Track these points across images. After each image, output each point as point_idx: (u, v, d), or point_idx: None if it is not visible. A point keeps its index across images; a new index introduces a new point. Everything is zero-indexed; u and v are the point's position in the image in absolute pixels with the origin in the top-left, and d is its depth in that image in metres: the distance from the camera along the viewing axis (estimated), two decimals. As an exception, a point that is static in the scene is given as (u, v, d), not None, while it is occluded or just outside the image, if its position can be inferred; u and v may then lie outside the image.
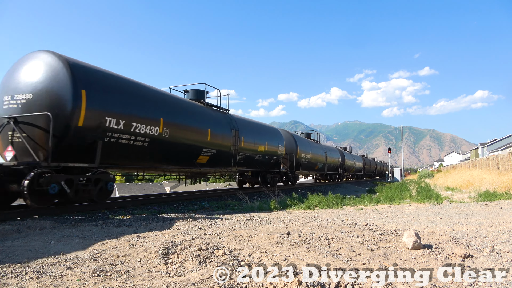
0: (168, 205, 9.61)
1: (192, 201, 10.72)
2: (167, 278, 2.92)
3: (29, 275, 2.99)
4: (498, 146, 56.48)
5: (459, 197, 12.48)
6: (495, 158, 20.05)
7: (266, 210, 8.75)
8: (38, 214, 6.87)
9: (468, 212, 7.80)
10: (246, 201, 9.96)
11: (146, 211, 8.14)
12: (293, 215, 7.41)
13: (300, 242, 4.21)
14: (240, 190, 12.64)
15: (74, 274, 3.06)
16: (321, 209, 9.28)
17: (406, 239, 3.86)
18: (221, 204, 9.84)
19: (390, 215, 7.70)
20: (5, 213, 6.55)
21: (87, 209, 7.81)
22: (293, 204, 9.73)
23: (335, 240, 4.33)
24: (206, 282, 2.76)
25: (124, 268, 3.26)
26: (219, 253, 3.52)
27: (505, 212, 7.67)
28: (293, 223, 6.10)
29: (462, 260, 3.38)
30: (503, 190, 12.80)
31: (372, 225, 5.71)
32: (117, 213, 7.74)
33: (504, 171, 17.07)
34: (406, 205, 10.40)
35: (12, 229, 5.24)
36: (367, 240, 4.29)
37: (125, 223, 6.18)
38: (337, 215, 7.71)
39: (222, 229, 5.37)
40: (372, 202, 10.86)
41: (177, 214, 7.94)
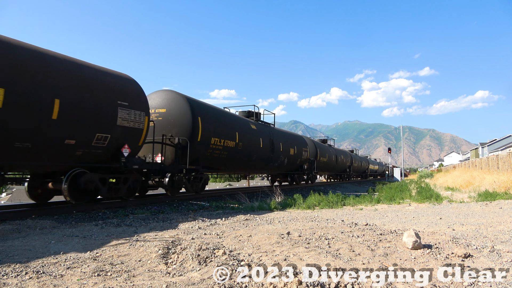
0: (168, 205, 9.61)
1: (192, 201, 10.72)
2: (167, 278, 2.92)
3: (29, 274, 2.99)
4: (498, 146, 56.48)
5: (459, 197, 12.48)
6: (495, 158, 20.05)
7: (266, 210, 8.75)
8: (38, 214, 6.88)
9: (468, 212, 7.80)
10: (246, 201, 9.96)
11: (146, 211, 8.14)
12: (293, 215, 7.41)
13: (300, 242, 4.21)
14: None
15: (74, 274, 3.06)
16: (321, 209, 9.28)
17: (406, 239, 3.86)
18: (221, 204, 9.84)
19: (390, 215, 7.71)
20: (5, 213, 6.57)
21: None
22: (293, 204, 9.73)
23: (335, 240, 4.33)
24: (206, 282, 2.76)
25: (124, 268, 3.26)
26: (219, 253, 3.52)
27: (505, 212, 7.67)
28: (293, 223, 6.10)
29: (462, 260, 3.38)
30: (503, 190, 12.80)
31: (372, 225, 5.71)
32: (117, 213, 7.74)
33: (504, 171, 17.07)
34: (406, 205, 10.40)
35: (12, 229, 5.24)
36: (367, 240, 4.30)
37: (125, 223, 6.18)
38: (337, 215, 7.71)
39: (222, 229, 5.37)
40: (372, 202, 10.85)
41: (177, 214, 7.94)
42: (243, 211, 8.59)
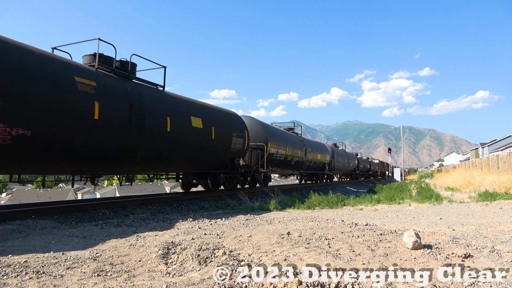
0: (168, 205, 9.61)
1: (192, 201, 10.72)
2: (167, 278, 2.92)
3: (29, 275, 2.99)
4: (498, 146, 56.44)
5: (459, 197, 12.48)
6: (495, 158, 20.04)
7: (266, 210, 8.74)
8: (38, 214, 6.88)
9: (468, 212, 7.80)
10: (246, 201, 9.96)
11: (146, 211, 8.14)
12: (293, 215, 7.41)
13: (300, 242, 4.21)
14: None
15: (74, 274, 3.06)
16: (321, 209, 9.27)
17: (406, 239, 3.86)
18: (221, 204, 9.84)
19: (390, 215, 7.70)
20: (5, 213, 6.57)
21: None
22: (293, 204, 9.73)
23: (335, 240, 4.33)
24: (206, 282, 2.76)
25: (124, 268, 3.26)
26: (219, 253, 3.52)
27: (505, 212, 7.67)
28: (293, 223, 6.10)
29: (462, 260, 3.38)
30: (503, 190, 12.80)
31: (372, 225, 5.71)
32: (117, 213, 7.74)
33: (504, 171, 17.06)
34: (406, 205, 10.40)
35: (12, 229, 5.24)
36: (367, 240, 4.29)
37: (125, 223, 6.18)
38: (337, 215, 7.71)
39: (222, 229, 5.37)
40: (372, 202, 10.85)
41: (177, 214, 7.94)
42: (243, 211, 8.59)
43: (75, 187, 64.28)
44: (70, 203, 8.87)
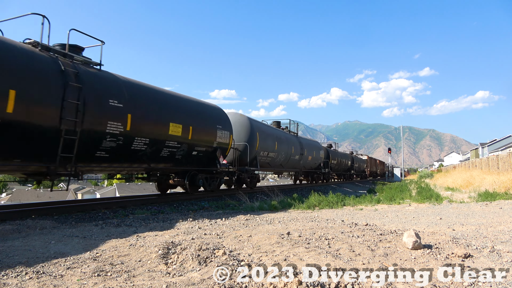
0: (168, 205, 9.62)
1: (192, 201, 10.72)
2: (167, 278, 2.92)
3: (29, 275, 2.99)
4: (498, 146, 56.44)
5: (459, 197, 12.47)
6: (495, 158, 20.05)
7: (266, 210, 8.74)
8: (38, 214, 6.89)
9: (468, 212, 7.80)
10: (246, 201, 9.96)
11: (146, 211, 8.14)
12: (293, 215, 7.41)
13: (300, 242, 4.21)
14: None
15: (74, 274, 3.06)
16: (321, 209, 9.27)
17: (406, 239, 3.86)
18: (221, 204, 9.84)
19: (390, 215, 7.70)
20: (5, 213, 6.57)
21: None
22: (293, 204, 9.73)
23: (335, 240, 4.33)
24: (206, 282, 2.76)
25: (124, 268, 3.26)
26: (219, 253, 3.52)
27: (505, 212, 7.67)
28: (293, 223, 6.10)
29: (462, 260, 3.38)
30: (503, 190, 12.80)
31: (372, 225, 5.71)
32: (117, 213, 7.74)
33: (504, 171, 17.07)
34: (406, 205, 10.40)
35: (12, 229, 5.24)
36: (367, 240, 4.29)
37: (125, 223, 6.19)
38: (337, 215, 7.71)
39: (222, 229, 5.37)
40: (372, 202, 10.85)
41: (177, 214, 7.94)
42: (243, 211, 8.59)
43: (75, 187, 63.26)
44: (70, 203, 8.87)
